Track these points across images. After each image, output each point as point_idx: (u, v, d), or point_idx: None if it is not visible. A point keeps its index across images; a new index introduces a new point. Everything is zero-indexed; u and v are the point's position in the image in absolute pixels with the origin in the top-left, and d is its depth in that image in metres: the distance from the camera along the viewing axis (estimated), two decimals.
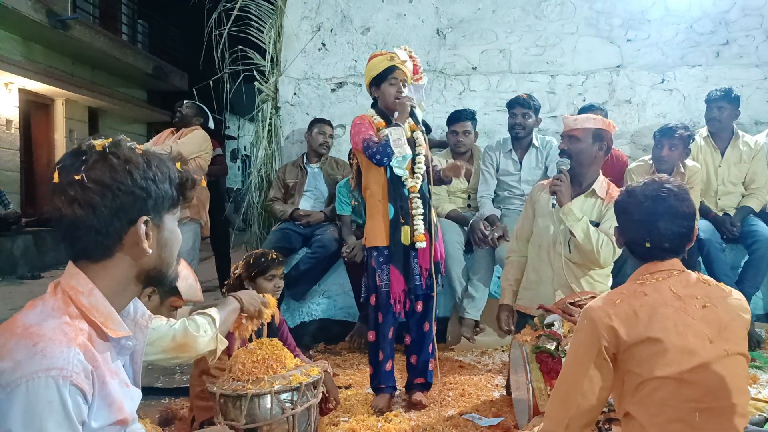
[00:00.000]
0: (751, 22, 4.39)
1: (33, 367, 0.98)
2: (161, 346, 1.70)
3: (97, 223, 1.07)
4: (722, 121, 3.82)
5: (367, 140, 2.68)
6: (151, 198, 1.11)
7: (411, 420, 2.66)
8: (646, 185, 1.60)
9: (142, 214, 1.10)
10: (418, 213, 2.72)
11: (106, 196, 1.06)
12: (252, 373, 2.12)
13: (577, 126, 2.74)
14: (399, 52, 2.76)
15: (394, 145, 2.64)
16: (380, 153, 2.65)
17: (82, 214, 1.06)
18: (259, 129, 4.65)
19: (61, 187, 1.07)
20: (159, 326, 1.72)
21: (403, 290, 2.75)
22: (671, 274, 1.55)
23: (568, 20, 4.50)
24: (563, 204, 2.69)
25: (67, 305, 1.08)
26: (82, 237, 1.08)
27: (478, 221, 3.66)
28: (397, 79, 2.73)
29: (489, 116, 4.50)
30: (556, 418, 1.56)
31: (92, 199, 1.06)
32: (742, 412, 1.45)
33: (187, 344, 1.72)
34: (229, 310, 1.93)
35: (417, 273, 2.75)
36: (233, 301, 1.96)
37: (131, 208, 1.09)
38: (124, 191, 1.07)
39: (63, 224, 1.08)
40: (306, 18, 4.63)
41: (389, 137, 2.65)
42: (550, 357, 2.33)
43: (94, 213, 1.06)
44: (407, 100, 2.71)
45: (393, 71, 2.73)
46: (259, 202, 4.54)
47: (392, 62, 2.72)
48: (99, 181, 1.06)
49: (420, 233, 2.71)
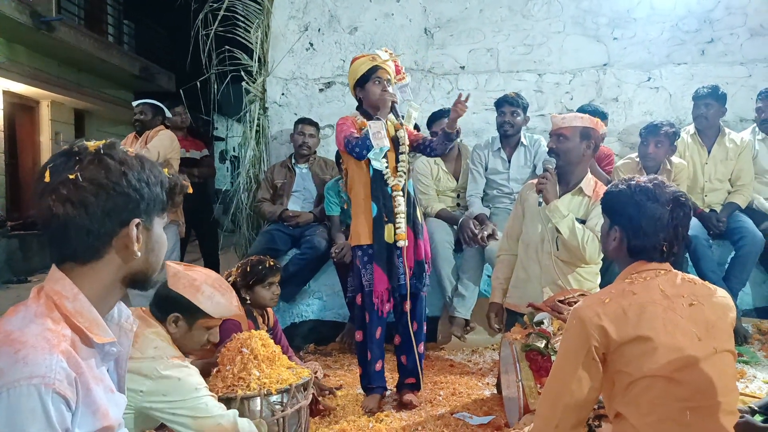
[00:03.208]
0: (735, 21, 4.43)
1: (15, 375, 0.96)
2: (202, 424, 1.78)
3: (88, 223, 1.05)
4: (709, 119, 3.85)
5: (348, 137, 2.72)
6: (143, 200, 1.10)
7: (402, 420, 2.66)
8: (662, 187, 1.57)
9: (135, 216, 1.09)
10: (400, 211, 2.72)
11: (100, 195, 1.05)
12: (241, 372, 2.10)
13: (565, 124, 2.76)
14: (380, 52, 2.81)
15: (374, 138, 2.65)
16: (359, 146, 2.68)
17: (74, 214, 1.04)
18: (247, 130, 4.62)
19: (53, 186, 1.05)
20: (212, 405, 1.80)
21: (386, 289, 2.75)
22: (659, 274, 1.56)
23: (554, 19, 4.52)
24: (549, 202, 2.70)
25: (51, 310, 1.06)
26: (71, 238, 1.06)
27: (467, 220, 3.67)
28: (381, 78, 2.77)
29: (477, 115, 4.50)
30: (546, 417, 1.56)
31: (86, 199, 1.04)
32: (731, 409, 1.46)
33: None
34: None
35: (402, 272, 2.75)
36: None
37: (124, 210, 1.08)
38: (119, 192, 1.06)
39: (52, 225, 1.06)
40: (293, 18, 4.61)
41: (369, 130, 2.67)
42: (540, 355, 2.34)
43: (86, 213, 1.05)
44: (389, 96, 2.74)
45: (376, 71, 2.77)
46: (247, 203, 4.51)
47: (375, 62, 2.77)
48: (94, 180, 1.05)
49: (402, 232, 2.72)
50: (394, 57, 2.86)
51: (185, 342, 1.96)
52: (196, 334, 1.97)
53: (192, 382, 1.81)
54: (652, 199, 1.56)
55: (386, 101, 2.73)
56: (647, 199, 1.56)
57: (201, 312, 1.94)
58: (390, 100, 2.74)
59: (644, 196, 1.56)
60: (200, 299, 1.92)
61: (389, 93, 2.75)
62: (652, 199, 1.56)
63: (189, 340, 1.97)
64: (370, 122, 2.71)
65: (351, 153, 2.71)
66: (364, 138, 2.67)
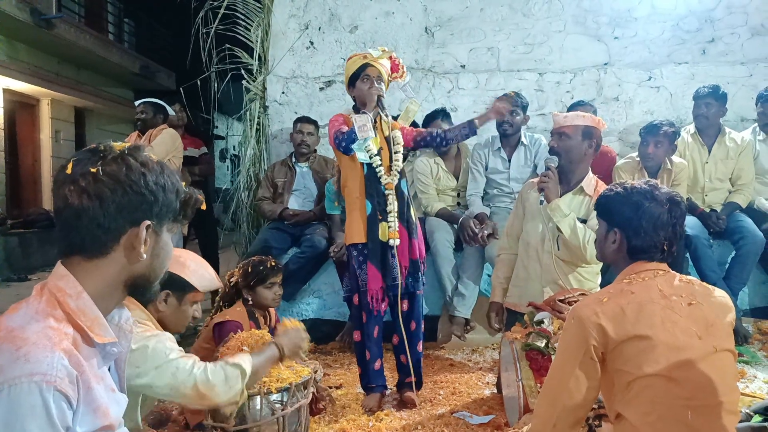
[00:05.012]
0: (736, 20, 4.43)
1: (16, 371, 0.96)
2: (182, 391, 1.69)
3: (101, 216, 1.07)
4: (709, 118, 3.85)
5: (336, 132, 2.74)
6: (157, 204, 1.12)
7: (402, 419, 2.66)
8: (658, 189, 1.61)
9: (147, 217, 1.11)
10: (392, 210, 2.73)
11: (117, 191, 1.07)
12: None
13: (567, 123, 2.75)
14: (373, 51, 2.83)
15: (359, 130, 2.66)
16: (345, 140, 2.70)
17: (88, 205, 1.06)
18: (247, 128, 4.62)
19: (73, 177, 1.07)
20: (182, 369, 1.70)
21: (380, 288, 2.75)
22: (657, 274, 1.57)
23: (555, 18, 4.51)
24: (551, 201, 2.70)
25: (53, 308, 1.07)
26: (82, 229, 1.08)
27: (467, 219, 3.67)
28: (370, 76, 2.78)
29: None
30: (543, 417, 1.56)
31: (102, 192, 1.06)
32: (732, 409, 1.46)
33: (208, 395, 1.71)
34: (266, 360, 1.90)
35: (396, 271, 2.75)
36: (273, 350, 1.94)
37: (137, 209, 1.10)
38: (135, 190, 1.09)
39: (65, 214, 1.08)
40: (294, 16, 4.61)
41: (354, 123, 2.68)
42: (540, 354, 2.33)
43: (101, 205, 1.07)
44: (375, 91, 2.76)
45: (365, 68, 2.79)
46: (247, 202, 4.51)
47: (365, 60, 2.79)
48: (113, 175, 1.08)
49: (394, 230, 2.72)
50: (390, 54, 2.87)
51: (175, 318, 1.97)
52: (184, 309, 1.99)
53: (161, 348, 1.74)
54: (649, 199, 1.58)
55: (372, 96, 2.75)
56: (645, 199, 1.58)
57: (189, 286, 1.97)
58: (376, 94, 2.75)
59: (641, 196, 1.59)
60: (188, 274, 1.96)
61: (375, 88, 2.77)
62: (649, 199, 1.58)
63: (179, 315, 1.98)
64: (356, 116, 2.73)
65: (338, 147, 2.74)
66: (350, 132, 2.69)
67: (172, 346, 1.76)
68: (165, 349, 1.73)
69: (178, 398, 1.72)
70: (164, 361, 1.70)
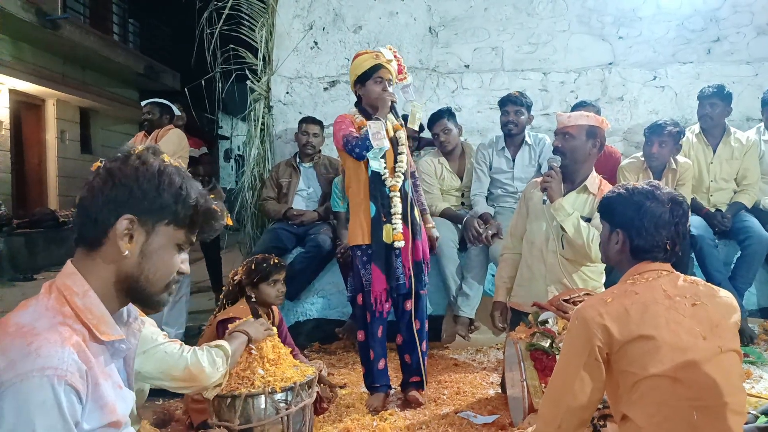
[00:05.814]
0: (741, 19, 4.41)
1: (27, 366, 0.97)
2: (172, 374, 1.69)
3: (92, 207, 1.11)
4: (714, 118, 3.83)
5: (346, 136, 2.71)
6: (145, 200, 1.11)
7: (406, 419, 2.66)
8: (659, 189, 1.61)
9: (131, 212, 1.11)
10: (396, 212, 2.72)
11: (107, 184, 1.11)
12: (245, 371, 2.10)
13: (571, 123, 2.75)
14: (384, 51, 2.79)
15: (373, 138, 2.65)
16: (359, 146, 2.67)
17: (86, 197, 1.12)
18: (251, 128, 4.63)
19: (91, 174, 1.14)
20: (171, 353, 1.70)
21: (384, 289, 2.75)
22: (661, 275, 1.57)
23: (560, 18, 4.50)
24: (554, 200, 2.70)
25: (62, 305, 1.08)
26: (83, 220, 1.12)
27: (471, 219, 3.66)
28: (383, 78, 2.76)
29: (482, 114, 4.50)
30: (548, 418, 1.56)
31: (98, 185, 1.11)
32: (739, 409, 1.45)
33: (198, 377, 1.73)
34: (239, 345, 2.00)
35: (400, 272, 2.75)
36: (241, 336, 2.04)
37: (124, 203, 1.10)
38: (123, 183, 1.11)
39: (76, 207, 1.14)
40: (298, 16, 4.61)
41: (368, 130, 2.66)
42: (545, 354, 2.33)
43: (93, 198, 1.11)
44: (389, 96, 2.74)
45: (378, 69, 2.75)
46: (252, 202, 4.52)
47: (378, 60, 2.75)
48: (108, 170, 1.12)
49: (398, 232, 2.71)
50: (399, 57, 2.85)
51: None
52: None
53: (146, 332, 1.69)
54: (651, 198, 1.59)
55: (386, 101, 2.73)
56: (646, 199, 1.60)
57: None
58: (390, 100, 2.73)
59: (643, 197, 1.60)
60: None
61: (389, 93, 2.74)
62: (651, 198, 1.59)
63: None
64: (370, 122, 2.70)
65: (350, 153, 2.71)
66: (364, 138, 2.66)
67: (157, 330, 1.75)
68: (151, 333, 1.70)
69: (167, 382, 1.71)
70: (151, 345, 1.68)
